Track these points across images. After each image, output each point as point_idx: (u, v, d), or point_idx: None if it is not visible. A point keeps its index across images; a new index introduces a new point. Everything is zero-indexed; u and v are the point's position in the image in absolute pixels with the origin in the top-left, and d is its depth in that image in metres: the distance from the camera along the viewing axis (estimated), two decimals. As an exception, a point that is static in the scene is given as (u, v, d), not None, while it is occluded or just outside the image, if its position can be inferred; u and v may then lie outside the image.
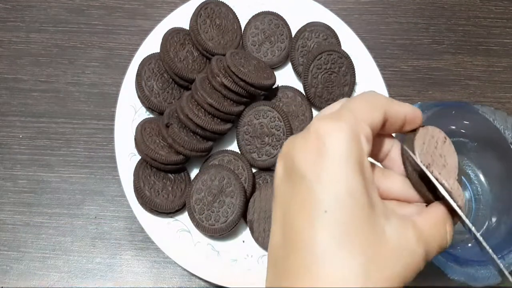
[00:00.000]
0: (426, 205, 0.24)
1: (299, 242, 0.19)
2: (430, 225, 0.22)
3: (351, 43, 0.44)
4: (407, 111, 0.24)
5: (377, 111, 0.22)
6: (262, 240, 0.38)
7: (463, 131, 0.38)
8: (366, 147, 0.20)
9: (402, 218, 0.21)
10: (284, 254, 0.19)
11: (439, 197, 0.23)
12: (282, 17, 0.44)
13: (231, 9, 0.44)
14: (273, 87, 0.42)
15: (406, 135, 0.25)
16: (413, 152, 0.24)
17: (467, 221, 0.23)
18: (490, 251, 0.23)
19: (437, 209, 0.23)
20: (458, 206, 0.23)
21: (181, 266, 0.37)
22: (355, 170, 0.19)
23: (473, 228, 0.23)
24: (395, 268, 0.20)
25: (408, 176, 0.24)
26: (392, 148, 0.25)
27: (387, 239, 0.20)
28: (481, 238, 0.23)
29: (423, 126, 0.25)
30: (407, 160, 0.24)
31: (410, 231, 0.21)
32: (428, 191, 0.24)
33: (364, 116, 0.21)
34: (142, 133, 0.38)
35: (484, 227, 0.40)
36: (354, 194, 0.19)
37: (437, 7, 0.50)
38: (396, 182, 0.24)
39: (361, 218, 0.19)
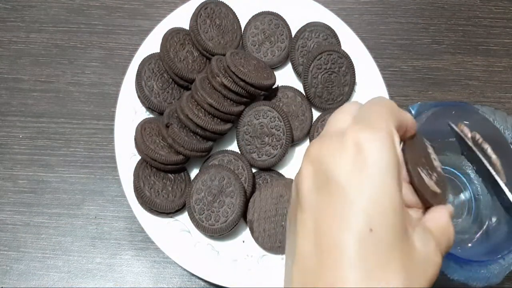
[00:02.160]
0: (423, 211, 0.24)
1: (341, 257, 0.18)
2: (442, 230, 0.22)
3: (351, 43, 0.44)
4: (409, 119, 0.24)
5: (395, 118, 0.21)
6: (262, 240, 0.38)
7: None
8: (401, 156, 0.20)
9: (423, 227, 0.21)
10: (317, 266, 0.19)
11: (440, 202, 0.24)
12: (282, 17, 0.44)
13: (231, 9, 0.44)
14: (273, 87, 0.42)
15: (407, 142, 0.25)
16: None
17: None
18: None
19: (443, 211, 0.23)
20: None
21: (181, 266, 0.37)
22: (397, 183, 0.19)
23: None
24: (423, 281, 0.19)
25: (412, 181, 0.24)
26: None
27: (417, 251, 0.20)
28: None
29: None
30: (414, 167, 0.24)
31: (431, 241, 0.21)
32: (431, 196, 0.24)
33: (394, 123, 0.21)
34: (142, 133, 0.38)
35: (484, 227, 0.40)
36: (397, 210, 0.19)
37: (437, 7, 0.50)
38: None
39: (402, 233, 0.19)
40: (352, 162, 0.19)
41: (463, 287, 0.34)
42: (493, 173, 0.22)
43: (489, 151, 0.24)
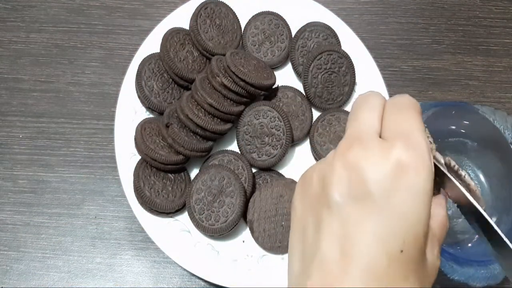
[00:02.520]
0: None
1: (367, 270, 0.18)
2: (441, 226, 0.22)
3: (351, 43, 0.44)
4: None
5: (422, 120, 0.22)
6: (262, 240, 0.38)
7: (463, 131, 0.38)
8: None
9: (431, 233, 0.21)
10: (341, 273, 0.19)
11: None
12: (282, 17, 0.44)
13: (231, 9, 0.44)
14: (273, 87, 0.42)
15: None
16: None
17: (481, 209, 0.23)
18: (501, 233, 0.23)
19: (441, 206, 0.23)
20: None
21: (181, 266, 0.37)
22: (429, 208, 0.19)
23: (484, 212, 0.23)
24: (429, 286, 0.21)
25: None
26: None
27: (428, 262, 0.21)
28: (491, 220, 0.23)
29: None
30: None
31: (436, 248, 0.21)
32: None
33: (426, 139, 0.21)
34: (142, 133, 0.38)
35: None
36: (426, 234, 0.19)
37: (437, 7, 0.50)
38: None
39: (424, 254, 0.20)
40: (394, 183, 0.19)
41: (463, 287, 0.34)
42: (473, 201, 0.22)
43: (467, 178, 0.23)
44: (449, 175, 0.23)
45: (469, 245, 0.39)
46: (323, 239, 0.20)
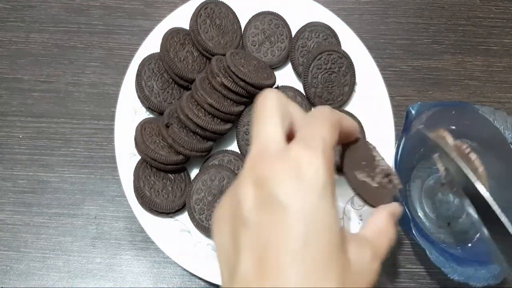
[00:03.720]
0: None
1: (278, 275, 0.19)
2: (378, 233, 0.24)
3: (351, 43, 0.44)
4: (351, 126, 0.25)
5: (335, 131, 0.23)
6: (262, 240, 0.38)
7: (463, 131, 0.38)
8: (335, 175, 0.21)
9: (358, 239, 0.22)
10: (258, 283, 0.19)
11: (382, 202, 0.26)
12: (282, 17, 0.44)
13: (231, 9, 0.44)
14: (273, 87, 0.42)
15: (350, 147, 0.27)
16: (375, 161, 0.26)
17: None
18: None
19: (380, 214, 0.25)
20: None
21: (181, 266, 0.37)
22: (332, 202, 0.20)
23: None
24: None
25: (351, 186, 0.26)
26: None
27: (352, 263, 0.21)
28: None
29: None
30: (350, 171, 0.26)
31: (367, 251, 0.22)
32: (369, 197, 0.26)
33: (331, 141, 0.22)
34: (142, 133, 0.38)
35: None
36: (332, 227, 0.20)
37: (437, 7, 0.50)
38: None
39: (337, 248, 0.20)
40: (292, 182, 0.20)
41: (463, 287, 0.34)
42: (479, 187, 0.22)
43: (477, 162, 0.24)
44: (456, 159, 0.24)
45: (469, 245, 0.39)
46: (240, 256, 0.20)
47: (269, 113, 0.23)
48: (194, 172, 0.41)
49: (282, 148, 0.21)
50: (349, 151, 0.27)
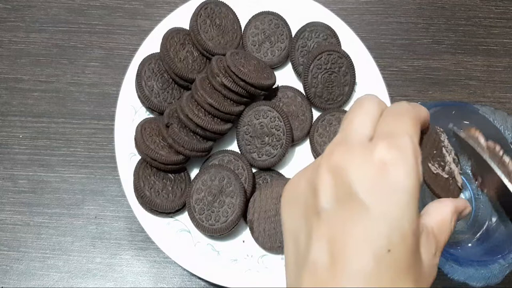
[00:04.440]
0: None
1: (356, 273, 0.18)
2: (441, 226, 0.22)
3: (351, 43, 0.44)
4: (425, 115, 0.24)
5: (419, 127, 0.21)
6: (262, 240, 0.38)
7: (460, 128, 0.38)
8: (421, 176, 0.20)
9: (426, 232, 0.21)
10: (330, 279, 0.19)
11: (451, 195, 0.24)
12: (282, 17, 0.44)
13: (231, 9, 0.44)
14: (273, 87, 0.42)
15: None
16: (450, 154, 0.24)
17: None
18: None
19: (445, 206, 0.23)
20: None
21: (181, 266, 0.37)
22: (417, 206, 0.19)
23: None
24: (428, 286, 0.20)
25: (426, 182, 0.24)
26: None
27: (423, 263, 0.20)
28: None
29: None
30: (424, 162, 0.24)
31: (433, 246, 0.21)
32: (441, 190, 0.24)
33: (417, 138, 0.20)
34: (142, 133, 0.38)
35: (484, 227, 0.40)
36: (415, 231, 0.19)
37: (437, 7, 0.50)
38: None
39: (415, 252, 0.19)
40: (377, 182, 0.19)
41: (463, 287, 0.34)
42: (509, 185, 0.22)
43: (511, 165, 0.23)
44: (489, 160, 0.23)
45: (469, 245, 0.39)
46: (313, 245, 0.20)
47: (366, 106, 0.22)
48: (194, 172, 0.41)
49: (366, 141, 0.20)
50: (422, 141, 0.24)
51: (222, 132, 0.39)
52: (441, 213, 0.23)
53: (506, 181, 0.22)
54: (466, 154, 0.30)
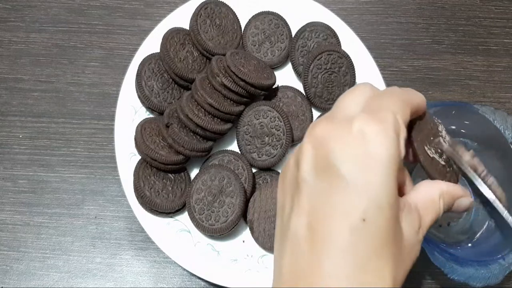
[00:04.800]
0: None
1: (333, 245, 0.18)
2: (426, 205, 0.22)
3: (351, 43, 0.44)
4: (420, 100, 0.24)
5: (407, 108, 0.21)
6: (262, 240, 0.38)
7: (463, 131, 0.38)
8: (403, 151, 0.20)
9: (409, 208, 0.21)
10: (309, 251, 0.19)
11: (449, 179, 0.24)
12: (282, 17, 0.44)
13: (231, 9, 0.44)
14: (273, 87, 0.42)
15: (417, 121, 0.25)
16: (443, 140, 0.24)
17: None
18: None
19: (433, 187, 0.23)
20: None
21: (181, 266, 0.37)
22: (394, 178, 0.19)
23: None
24: (409, 265, 0.20)
25: (419, 160, 0.24)
26: None
27: (404, 237, 0.20)
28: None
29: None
30: (421, 146, 0.24)
31: (416, 222, 0.21)
32: (439, 173, 0.24)
33: (402, 116, 0.21)
34: (142, 133, 0.38)
35: (484, 227, 0.40)
36: (393, 203, 0.19)
37: (437, 7, 0.50)
38: None
39: (394, 224, 0.19)
40: (355, 153, 0.19)
41: (463, 287, 0.34)
42: (500, 208, 0.22)
43: (494, 186, 0.24)
44: (473, 177, 0.23)
45: (469, 245, 0.39)
46: (293, 217, 0.20)
47: (358, 88, 0.22)
48: (194, 172, 0.41)
49: (349, 115, 0.20)
50: (418, 125, 0.25)
51: (222, 132, 0.39)
52: (428, 191, 0.23)
53: (492, 198, 0.23)
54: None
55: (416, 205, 0.21)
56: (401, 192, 0.23)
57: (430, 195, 0.22)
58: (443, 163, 0.25)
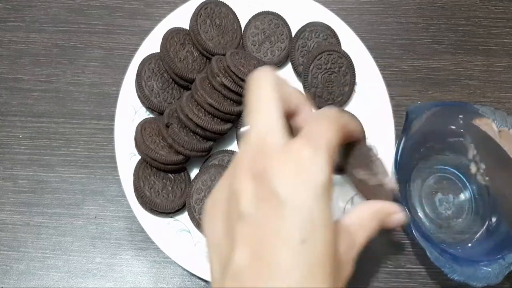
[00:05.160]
0: None
1: (277, 267, 0.19)
2: (358, 225, 0.24)
3: (351, 43, 0.44)
4: (355, 127, 0.25)
5: (341, 133, 0.23)
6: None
7: (463, 131, 0.38)
8: (335, 174, 0.22)
9: (342, 229, 0.23)
10: (252, 277, 0.19)
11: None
12: (282, 17, 0.44)
13: (231, 9, 0.44)
14: (273, 87, 0.41)
15: (353, 146, 0.27)
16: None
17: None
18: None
19: (368, 207, 0.25)
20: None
21: (181, 266, 0.37)
22: (329, 202, 0.20)
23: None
24: (344, 283, 0.22)
25: (355, 184, 0.27)
26: None
27: (340, 256, 0.21)
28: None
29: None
30: (351, 169, 0.27)
31: (348, 243, 0.22)
32: (372, 195, 0.27)
33: (335, 142, 0.22)
34: (142, 133, 0.38)
35: (484, 227, 0.40)
36: (328, 225, 0.20)
37: (437, 7, 0.50)
38: None
39: (331, 244, 0.20)
40: (293, 178, 0.20)
41: (463, 287, 0.34)
42: None
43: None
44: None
45: (469, 245, 0.39)
46: (237, 249, 0.20)
47: (267, 97, 0.22)
48: (194, 172, 0.41)
49: (284, 141, 0.21)
50: (351, 150, 0.27)
51: (222, 132, 0.39)
52: (361, 213, 0.24)
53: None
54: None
55: (349, 227, 0.23)
56: None
57: (362, 216, 0.24)
58: (375, 183, 0.27)
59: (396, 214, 0.25)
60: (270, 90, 0.22)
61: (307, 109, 0.24)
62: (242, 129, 0.26)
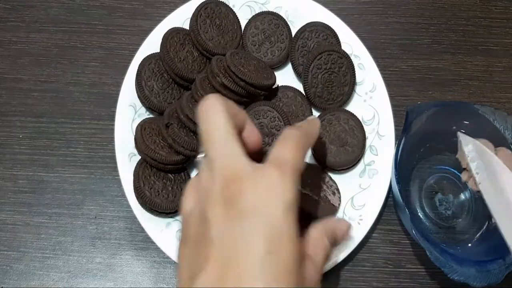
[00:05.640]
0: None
1: (240, 278, 0.20)
2: (314, 246, 0.25)
3: (351, 43, 0.44)
4: (316, 136, 0.29)
5: (304, 155, 0.25)
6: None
7: (463, 131, 0.38)
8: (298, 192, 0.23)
9: (305, 255, 0.24)
10: (220, 284, 0.20)
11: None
12: (282, 17, 0.44)
13: (231, 9, 0.44)
14: (273, 87, 0.42)
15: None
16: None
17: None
18: None
19: (317, 228, 0.26)
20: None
21: (181, 266, 0.37)
22: (296, 220, 0.22)
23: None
24: None
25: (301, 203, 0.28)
26: None
27: (308, 274, 0.23)
28: None
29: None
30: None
31: (311, 265, 0.24)
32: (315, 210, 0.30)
33: (301, 164, 0.24)
34: (142, 133, 0.38)
35: (484, 227, 0.40)
36: (293, 238, 0.21)
37: (437, 7, 0.50)
38: None
39: (297, 259, 0.21)
40: (261, 196, 0.22)
41: (463, 287, 0.34)
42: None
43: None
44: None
45: (469, 245, 0.39)
46: (206, 267, 0.21)
47: (221, 126, 0.24)
48: (194, 172, 0.41)
49: (253, 167, 0.23)
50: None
51: (222, 132, 0.38)
52: (313, 235, 0.26)
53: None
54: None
55: (308, 250, 0.25)
56: None
57: (315, 238, 0.26)
58: (318, 199, 0.30)
59: (341, 228, 0.27)
60: (222, 118, 0.24)
61: (251, 124, 0.27)
62: (199, 157, 0.27)
